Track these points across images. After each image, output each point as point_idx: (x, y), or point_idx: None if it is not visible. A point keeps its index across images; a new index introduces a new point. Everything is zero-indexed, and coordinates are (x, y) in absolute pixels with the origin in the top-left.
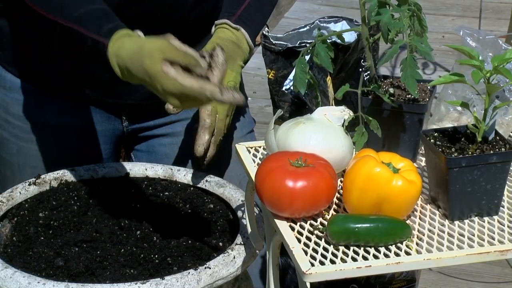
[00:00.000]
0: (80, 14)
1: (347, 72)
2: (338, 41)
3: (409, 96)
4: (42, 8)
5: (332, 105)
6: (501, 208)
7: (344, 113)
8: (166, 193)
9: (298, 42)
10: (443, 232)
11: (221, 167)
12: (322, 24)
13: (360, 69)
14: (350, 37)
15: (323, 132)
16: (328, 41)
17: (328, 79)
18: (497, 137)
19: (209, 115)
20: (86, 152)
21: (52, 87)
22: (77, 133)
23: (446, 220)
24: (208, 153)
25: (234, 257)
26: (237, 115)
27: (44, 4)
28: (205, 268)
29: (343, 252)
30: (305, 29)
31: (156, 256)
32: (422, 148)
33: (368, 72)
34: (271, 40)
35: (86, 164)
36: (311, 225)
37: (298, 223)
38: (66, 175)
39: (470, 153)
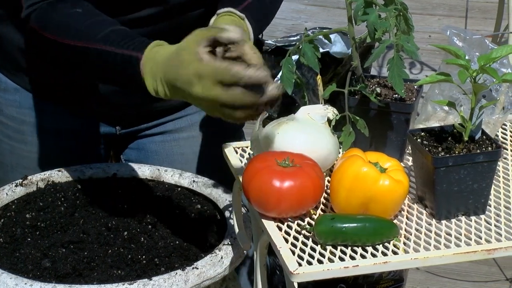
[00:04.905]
0: (105, 34)
1: (338, 81)
2: (331, 52)
3: (396, 95)
4: (59, 36)
5: (321, 103)
6: (488, 207)
7: (327, 110)
8: (153, 193)
9: (287, 43)
10: (430, 231)
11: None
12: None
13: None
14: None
15: (306, 131)
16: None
17: (318, 78)
18: (484, 137)
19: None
20: (78, 154)
21: (47, 94)
22: (70, 135)
23: (433, 220)
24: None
25: (221, 257)
26: None
27: (62, 32)
28: (193, 268)
29: (331, 252)
30: (296, 38)
31: (144, 256)
32: (409, 147)
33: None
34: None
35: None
36: (298, 225)
37: (286, 223)
38: (53, 176)
39: (456, 152)
